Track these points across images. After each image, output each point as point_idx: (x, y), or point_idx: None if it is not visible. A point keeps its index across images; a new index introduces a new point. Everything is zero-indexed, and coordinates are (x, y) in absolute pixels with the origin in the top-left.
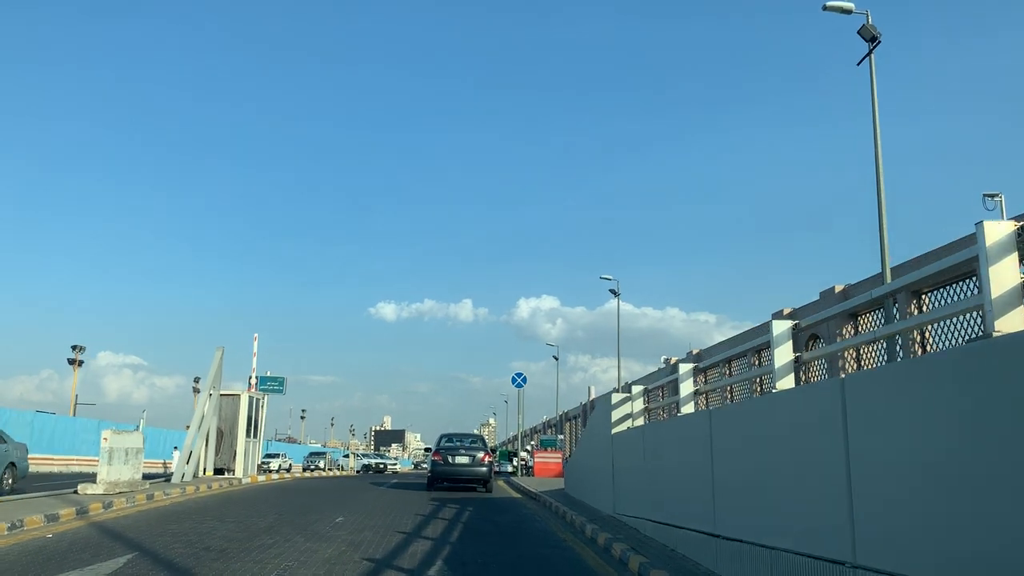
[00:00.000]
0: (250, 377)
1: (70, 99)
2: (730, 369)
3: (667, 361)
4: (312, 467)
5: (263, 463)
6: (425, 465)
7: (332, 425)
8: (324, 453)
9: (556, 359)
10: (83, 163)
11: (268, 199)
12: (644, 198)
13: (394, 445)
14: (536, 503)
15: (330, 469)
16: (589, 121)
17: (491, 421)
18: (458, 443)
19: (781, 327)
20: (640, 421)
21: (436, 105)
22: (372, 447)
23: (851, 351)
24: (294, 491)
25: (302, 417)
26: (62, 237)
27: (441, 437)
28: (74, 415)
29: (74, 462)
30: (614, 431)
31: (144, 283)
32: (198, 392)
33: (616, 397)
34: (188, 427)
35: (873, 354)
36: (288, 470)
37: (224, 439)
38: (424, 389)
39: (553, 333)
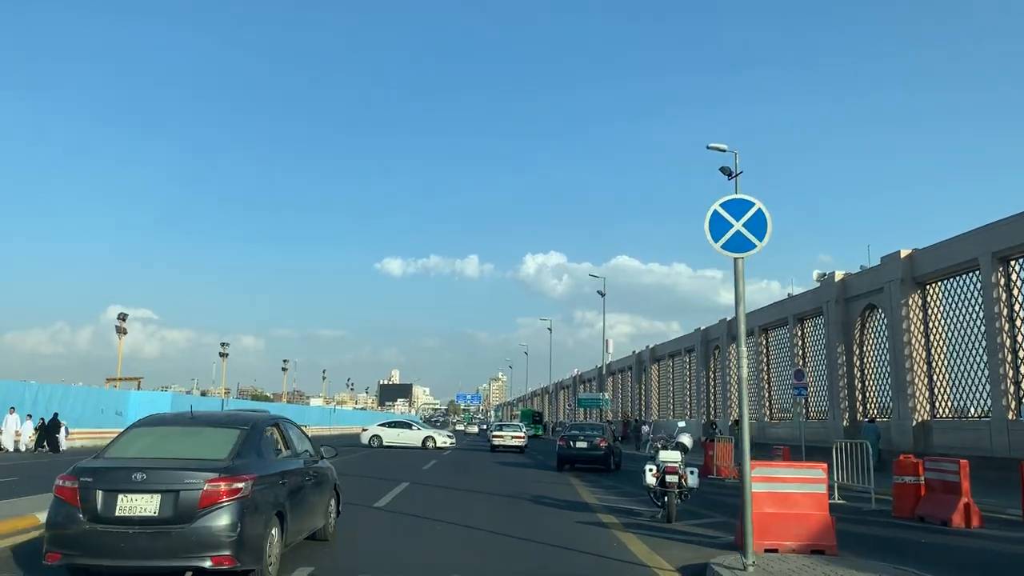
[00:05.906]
0: None
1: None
2: None
3: (823, 276)
4: None
5: None
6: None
7: (324, 378)
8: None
9: (602, 294)
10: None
11: (272, 162)
12: (650, 156)
13: (400, 400)
14: None
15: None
16: (591, 82)
17: (501, 376)
18: (579, 431)
19: None
20: None
21: (442, 64)
22: (377, 403)
23: None
24: None
25: (283, 369)
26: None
27: (569, 427)
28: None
29: None
30: None
31: (158, 240)
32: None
33: None
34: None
35: None
36: None
37: None
38: (432, 344)
39: (559, 289)
